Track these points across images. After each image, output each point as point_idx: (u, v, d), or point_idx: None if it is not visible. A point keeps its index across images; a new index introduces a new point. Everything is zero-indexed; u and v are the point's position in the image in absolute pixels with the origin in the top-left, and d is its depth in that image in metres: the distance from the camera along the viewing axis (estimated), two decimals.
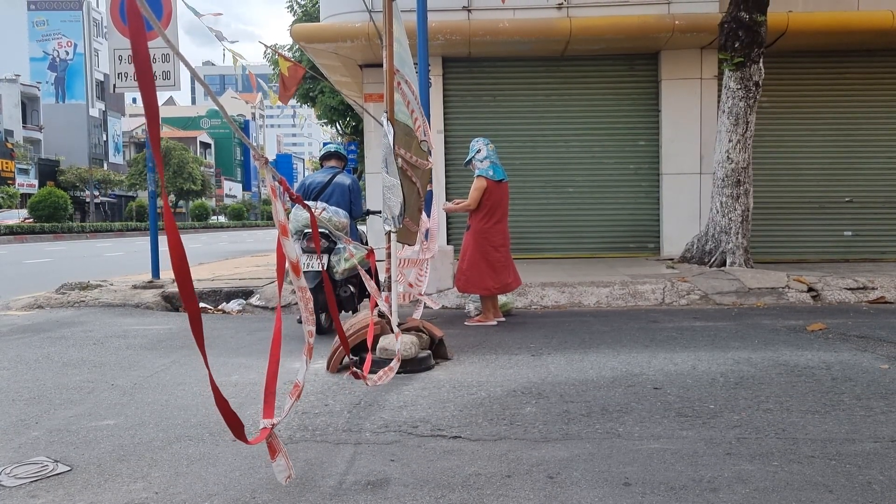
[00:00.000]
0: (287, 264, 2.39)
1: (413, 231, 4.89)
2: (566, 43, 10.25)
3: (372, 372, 3.63)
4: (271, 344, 2.33)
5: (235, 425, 2.03)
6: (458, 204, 6.33)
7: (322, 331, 5.54)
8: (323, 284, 3.12)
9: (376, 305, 4.74)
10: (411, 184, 4.59)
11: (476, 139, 6.20)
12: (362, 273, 3.84)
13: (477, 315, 6.36)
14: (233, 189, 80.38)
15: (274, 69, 17.07)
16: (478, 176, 6.03)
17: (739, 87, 8.70)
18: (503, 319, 6.23)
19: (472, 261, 6.03)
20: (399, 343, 3.94)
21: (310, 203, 5.62)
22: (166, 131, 67.19)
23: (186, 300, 1.78)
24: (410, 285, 5.83)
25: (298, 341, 4.94)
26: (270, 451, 2.24)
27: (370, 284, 3.81)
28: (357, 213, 6.20)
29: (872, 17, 9.85)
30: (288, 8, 18.62)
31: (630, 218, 11.20)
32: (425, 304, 5.83)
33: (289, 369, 3.91)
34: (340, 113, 19.02)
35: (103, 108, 55.34)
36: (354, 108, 17.10)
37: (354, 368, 3.31)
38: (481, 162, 6.04)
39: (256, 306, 7.29)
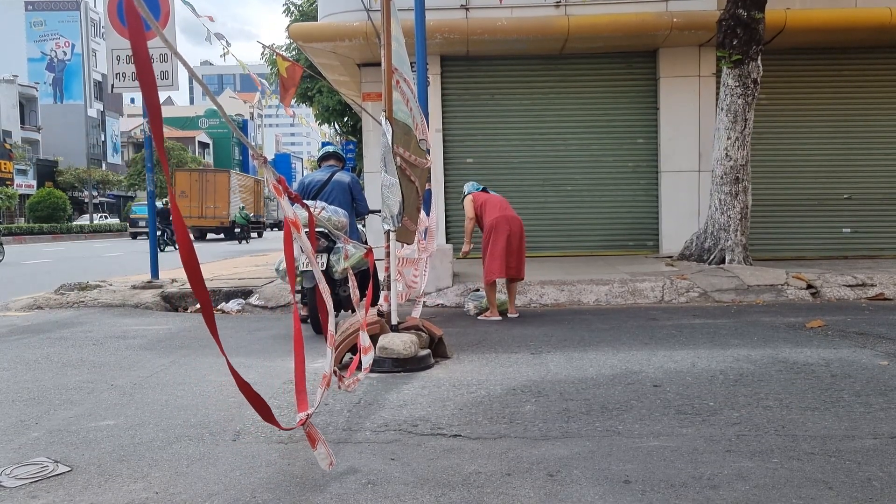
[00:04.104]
0: (293, 232, 2.45)
1: (412, 230, 4.89)
2: (564, 41, 10.25)
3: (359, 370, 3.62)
4: (294, 342, 2.44)
5: (263, 408, 2.14)
6: (466, 239, 6.73)
7: (320, 330, 5.54)
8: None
9: (372, 305, 4.73)
10: (410, 183, 4.59)
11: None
12: (351, 279, 3.81)
13: (480, 312, 6.52)
14: None
15: (271, 69, 17.02)
16: (462, 200, 6.76)
17: (738, 84, 8.70)
18: (516, 316, 6.38)
19: (484, 254, 6.39)
20: (369, 357, 3.82)
21: (309, 202, 5.61)
22: (164, 131, 67.01)
23: (197, 290, 1.82)
24: (408, 286, 5.83)
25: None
26: (310, 440, 2.39)
27: (354, 294, 3.76)
28: (363, 208, 6.22)
29: (870, 13, 9.84)
30: (284, 10, 18.48)
31: (629, 216, 11.19)
32: (424, 302, 5.85)
33: (288, 368, 3.90)
34: (339, 112, 18.96)
35: (101, 109, 55.21)
36: (353, 107, 17.07)
37: (335, 367, 3.27)
38: (466, 194, 6.78)
39: (256, 306, 7.29)
